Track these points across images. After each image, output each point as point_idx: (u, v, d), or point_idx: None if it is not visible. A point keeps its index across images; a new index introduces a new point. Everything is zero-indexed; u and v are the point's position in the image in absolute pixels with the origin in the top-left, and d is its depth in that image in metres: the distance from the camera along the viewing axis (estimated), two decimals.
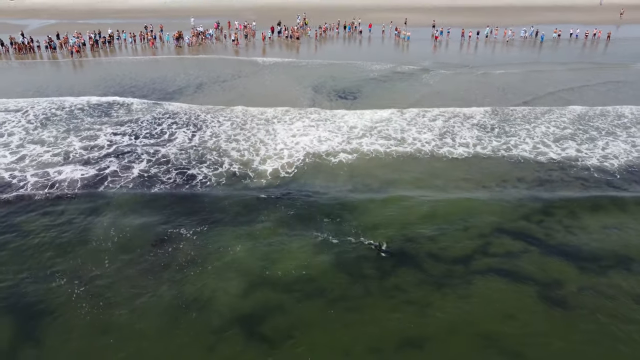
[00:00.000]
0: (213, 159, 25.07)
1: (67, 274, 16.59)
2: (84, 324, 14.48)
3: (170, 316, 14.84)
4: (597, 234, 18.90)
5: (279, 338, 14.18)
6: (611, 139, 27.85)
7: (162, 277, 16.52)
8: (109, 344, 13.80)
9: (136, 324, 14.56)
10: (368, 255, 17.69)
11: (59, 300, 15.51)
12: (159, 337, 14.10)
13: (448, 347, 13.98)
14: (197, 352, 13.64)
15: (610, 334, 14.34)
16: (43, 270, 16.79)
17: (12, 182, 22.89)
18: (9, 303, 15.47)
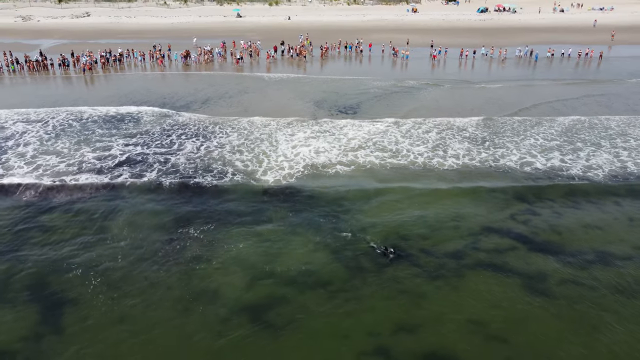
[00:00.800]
0: (219, 167, 26.54)
1: (85, 267, 18.00)
2: (100, 313, 15.82)
3: (181, 306, 16.17)
4: (579, 232, 20.28)
5: (282, 324, 15.48)
6: (594, 149, 29.24)
7: (173, 271, 17.88)
8: (124, 331, 15.10)
9: (149, 313, 15.89)
10: (365, 251, 19.00)
11: (78, 290, 16.90)
12: (170, 324, 15.39)
13: (439, 332, 15.26)
14: (207, 337, 14.91)
15: (589, 321, 15.62)
16: (64, 263, 18.23)
17: (39, 182, 24.49)
18: (33, 292, 16.84)
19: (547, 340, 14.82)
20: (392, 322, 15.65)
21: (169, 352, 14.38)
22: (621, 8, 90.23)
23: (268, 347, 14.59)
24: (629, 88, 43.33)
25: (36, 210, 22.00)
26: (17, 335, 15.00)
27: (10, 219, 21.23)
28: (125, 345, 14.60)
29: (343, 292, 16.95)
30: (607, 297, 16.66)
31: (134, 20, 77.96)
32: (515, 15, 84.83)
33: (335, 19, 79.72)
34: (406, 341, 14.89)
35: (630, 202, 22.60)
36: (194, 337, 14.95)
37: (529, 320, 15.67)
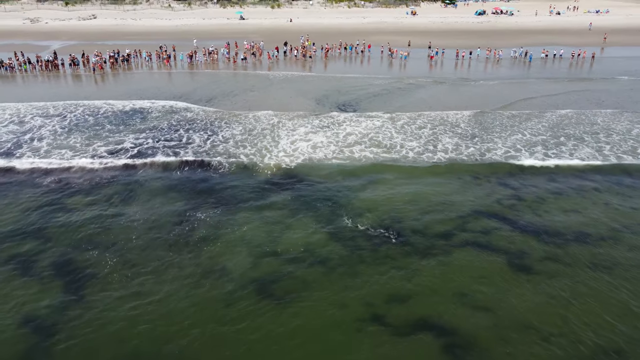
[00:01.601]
0: (225, 156, 28.27)
1: (103, 245, 19.66)
2: (118, 288, 17.37)
3: (192, 281, 17.70)
4: (559, 215, 21.89)
5: (285, 295, 17.05)
6: (577, 142, 30.94)
7: (183, 250, 19.48)
8: (139, 301, 16.64)
9: (162, 286, 17.44)
10: (362, 231, 20.60)
11: (97, 266, 18.51)
12: (182, 297, 16.91)
13: (428, 302, 16.84)
14: (217, 307, 16.44)
15: (564, 293, 17.18)
16: (85, 242, 19.89)
17: (60, 166, 26.32)
18: (59, 268, 18.44)
19: (527, 310, 16.32)
20: (385, 293, 17.21)
21: (181, 319, 15.85)
22: (617, 11, 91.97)
23: (272, 315, 16.08)
24: (617, 85, 45.30)
25: (58, 193, 23.80)
26: (44, 304, 16.54)
27: (33, 201, 22.95)
28: (141, 313, 16.11)
29: (341, 268, 18.52)
30: (581, 272, 18.23)
31: (140, 23, 79.78)
32: (512, 17, 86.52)
33: (335, 22, 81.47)
34: (398, 310, 16.43)
35: (607, 189, 24.29)
36: (204, 306, 16.44)
37: (510, 293, 17.22)
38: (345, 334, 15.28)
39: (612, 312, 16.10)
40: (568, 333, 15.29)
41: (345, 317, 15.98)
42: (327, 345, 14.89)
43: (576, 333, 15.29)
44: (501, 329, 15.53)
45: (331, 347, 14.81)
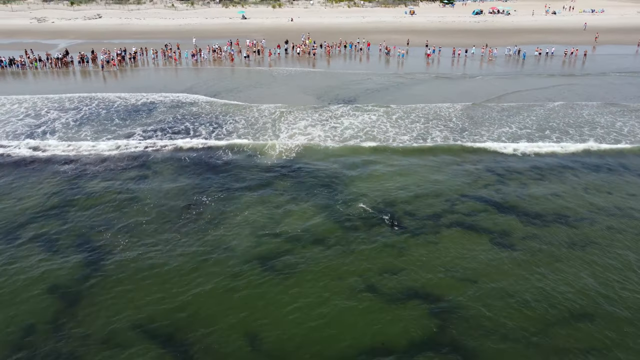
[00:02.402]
0: (230, 145, 30.06)
1: (118, 226, 21.32)
2: (132, 261, 18.99)
3: (199, 256, 19.28)
4: (541, 199, 23.53)
5: (286, 269, 18.64)
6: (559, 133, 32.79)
7: (190, 230, 21.09)
8: (152, 275, 18.22)
9: (172, 261, 19.01)
10: (357, 214, 22.26)
11: (114, 244, 20.13)
12: (191, 269, 18.50)
13: (418, 275, 18.44)
14: (223, 278, 18.01)
15: (544, 268, 18.74)
16: (102, 223, 21.57)
17: (78, 154, 28.21)
18: (78, 245, 20.11)
19: (509, 281, 17.89)
20: (378, 267, 18.82)
21: (190, 288, 17.42)
22: (612, 11, 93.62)
23: (274, 285, 17.67)
24: (605, 80, 47.40)
25: (76, 178, 25.66)
26: (66, 275, 18.19)
27: (54, 185, 24.74)
28: (153, 283, 17.73)
29: (338, 246, 20.12)
30: (560, 249, 19.82)
31: (144, 22, 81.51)
32: (509, 17, 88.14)
33: (335, 21, 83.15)
34: (389, 281, 18.02)
35: (586, 175, 25.97)
36: (212, 277, 17.99)
37: (494, 267, 18.79)
38: (340, 301, 16.86)
39: (583, 283, 17.71)
40: (542, 300, 16.90)
41: (340, 287, 17.57)
42: (324, 309, 16.47)
43: (550, 300, 16.87)
44: (482, 297, 17.12)
45: (327, 311, 16.40)
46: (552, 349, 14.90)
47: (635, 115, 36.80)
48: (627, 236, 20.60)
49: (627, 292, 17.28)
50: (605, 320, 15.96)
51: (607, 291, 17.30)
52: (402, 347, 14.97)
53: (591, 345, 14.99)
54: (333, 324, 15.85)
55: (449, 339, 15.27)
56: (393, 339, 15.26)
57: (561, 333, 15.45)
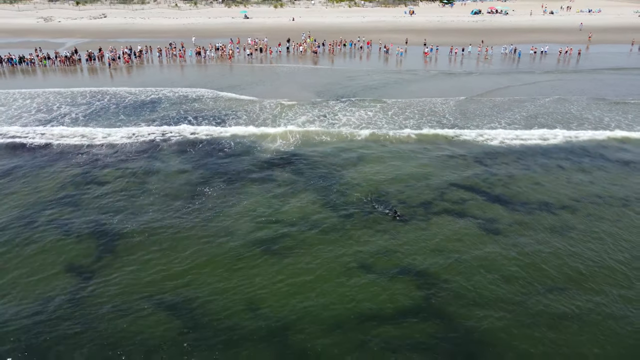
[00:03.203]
0: (233, 138, 31.67)
1: (129, 213, 22.83)
2: (141, 244, 20.50)
3: (203, 240, 20.72)
4: (527, 188, 25.01)
5: (285, 251, 20.09)
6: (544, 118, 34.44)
7: (195, 217, 22.50)
8: (156, 258, 19.63)
9: (178, 244, 20.48)
10: (351, 202, 23.72)
11: (125, 229, 21.58)
12: (196, 252, 19.95)
13: (409, 256, 19.87)
14: (227, 261, 19.42)
15: (526, 249, 20.18)
16: (112, 208, 23.13)
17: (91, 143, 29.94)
18: (91, 229, 21.60)
19: (491, 262, 19.36)
20: (372, 249, 20.24)
21: (196, 269, 18.86)
22: (608, 10, 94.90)
23: (273, 265, 19.11)
24: (595, 76, 49.67)
25: (88, 167, 27.36)
26: (82, 256, 19.67)
27: (68, 174, 26.39)
28: (161, 264, 19.17)
29: (334, 231, 21.55)
30: (542, 233, 21.26)
31: (148, 21, 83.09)
32: (507, 17, 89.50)
33: (336, 20, 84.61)
34: (383, 261, 19.46)
35: (569, 166, 27.47)
36: (216, 259, 19.39)
37: (479, 249, 20.21)
38: (336, 278, 18.32)
39: (559, 262, 19.21)
40: (524, 277, 18.34)
41: (336, 266, 19.05)
42: (317, 283, 17.95)
43: (530, 277, 18.32)
44: (468, 274, 18.55)
45: (320, 284, 17.86)
46: (524, 316, 16.45)
47: (619, 109, 38.58)
48: (605, 222, 22.04)
49: (597, 268, 18.85)
50: (576, 293, 17.47)
51: (580, 269, 18.80)
52: (389, 313, 16.50)
53: (560, 314, 16.51)
54: (325, 295, 17.37)
55: (432, 307, 16.82)
56: (381, 307, 16.78)
57: (534, 304, 16.97)
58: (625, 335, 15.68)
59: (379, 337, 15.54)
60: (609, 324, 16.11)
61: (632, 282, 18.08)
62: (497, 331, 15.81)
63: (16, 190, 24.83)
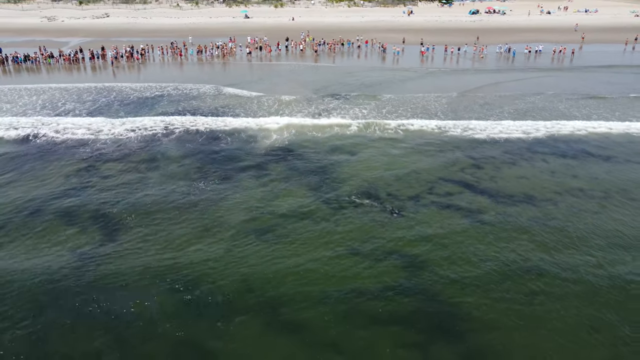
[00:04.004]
0: (231, 133, 32.94)
1: (129, 204, 23.92)
2: (140, 232, 21.57)
3: (200, 229, 21.75)
4: (511, 181, 26.09)
5: (280, 240, 21.12)
6: None
7: (192, 208, 23.49)
8: (156, 243, 20.71)
9: (176, 232, 21.53)
10: (343, 194, 24.80)
11: (125, 218, 22.66)
12: (193, 239, 20.99)
13: (396, 243, 20.85)
14: (223, 247, 20.46)
15: (508, 237, 21.23)
16: (114, 199, 24.29)
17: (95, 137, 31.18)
18: (94, 218, 22.72)
19: (476, 247, 20.41)
20: (362, 236, 21.24)
21: (193, 253, 19.99)
22: (605, 10, 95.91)
23: (268, 251, 20.14)
24: (585, 74, 51.31)
25: (91, 159, 28.60)
26: (85, 243, 20.80)
27: (71, 166, 27.69)
28: (159, 249, 20.35)
29: (325, 221, 22.58)
30: (525, 224, 22.20)
31: (150, 21, 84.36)
32: (504, 17, 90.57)
33: (335, 20, 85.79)
34: (371, 247, 20.50)
35: (554, 160, 28.55)
36: (212, 246, 20.41)
37: (462, 236, 21.20)
38: (327, 262, 19.38)
39: (538, 248, 20.33)
40: (502, 259, 19.46)
41: (327, 251, 20.10)
42: (308, 265, 19.10)
43: (508, 260, 19.40)
44: (451, 257, 19.64)
45: (311, 266, 18.99)
46: (500, 292, 17.70)
47: (604, 105, 40.07)
48: (585, 214, 23.07)
49: (571, 252, 20.02)
50: (549, 273, 18.64)
51: (555, 254, 19.93)
52: (373, 290, 17.74)
53: (533, 291, 17.74)
54: (314, 274, 18.62)
55: (414, 285, 18.06)
56: (366, 284, 18.03)
57: (510, 283, 18.13)
58: (585, 308, 16.97)
59: (362, 311, 16.75)
60: (575, 300, 17.33)
61: (602, 265, 19.20)
62: (473, 306, 16.98)
63: (22, 179, 26.28)
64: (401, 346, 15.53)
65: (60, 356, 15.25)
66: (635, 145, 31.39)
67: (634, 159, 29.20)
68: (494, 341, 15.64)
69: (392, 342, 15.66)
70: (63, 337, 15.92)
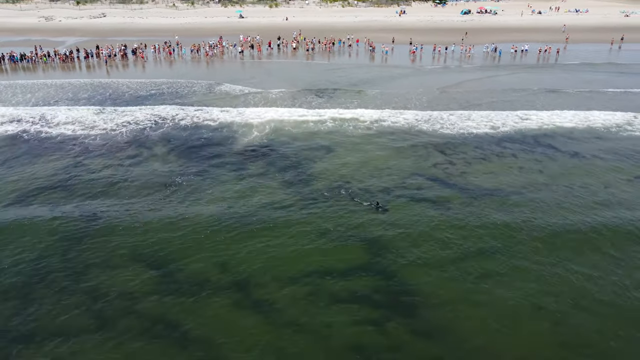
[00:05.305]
0: (214, 130, 34.38)
1: (113, 196, 25.36)
2: (122, 218, 23.14)
3: (180, 218, 23.11)
4: (480, 176, 27.36)
5: (255, 227, 22.43)
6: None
7: (173, 200, 24.86)
8: (136, 229, 22.19)
9: (158, 220, 22.94)
10: (318, 188, 26.05)
11: (109, 208, 24.06)
12: (174, 227, 22.37)
13: (367, 228, 22.24)
14: (203, 234, 21.82)
15: (472, 223, 22.62)
16: (104, 191, 25.74)
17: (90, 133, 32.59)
18: (78, 207, 24.11)
19: (438, 234, 21.81)
20: (335, 222, 22.68)
21: (171, 240, 21.35)
22: (596, 10, 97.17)
23: (245, 238, 21.50)
24: (563, 71, 54.22)
25: (78, 154, 30.20)
26: (73, 225, 22.50)
27: (60, 161, 29.24)
28: (139, 235, 21.82)
29: (299, 211, 23.74)
30: (488, 214, 23.59)
31: (146, 21, 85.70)
32: (495, 17, 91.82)
33: (329, 20, 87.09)
34: (344, 231, 21.99)
35: (523, 156, 29.83)
36: (192, 233, 21.80)
37: (431, 223, 22.58)
38: (300, 246, 20.83)
39: (496, 234, 21.72)
40: (459, 244, 20.92)
41: (300, 237, 21.49)
42: (282, 251, 20.51)
43: (465, 244, 20.87)
44: (415, 242, 21.04)
45: (285, 254, 20.38)
46: (456, 273, 19.23)
47: (574, 100, 42.31)
48: (546, 206, 24.39)
49: (526, 238, 21.52)
50: (501, 261, 19.98)
51: (510, 239, 21.41)
52: (338, 271, 19.24)
53: (485, 273, 19.21)
54: (285, 258, 20.10)
55: (376, 267, 19.59)
56: (333, 266, 19.53)
57: (466, 266, 19.60)
58: (530, 289, 18.41)
59: (326, 290, 18.19)
60: (521, 281, 18.80)
61: (550, 251, 20.59)
62: (428, 285, 18.46)
63: (12, 175, 27.68)
64: (359, 323, 16.90)
65: (40, 328, 16.68)
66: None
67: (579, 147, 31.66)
68: (444, 316, 17.09)
69: (351, 319, 17.05)
70: (47, 311, 17.38)
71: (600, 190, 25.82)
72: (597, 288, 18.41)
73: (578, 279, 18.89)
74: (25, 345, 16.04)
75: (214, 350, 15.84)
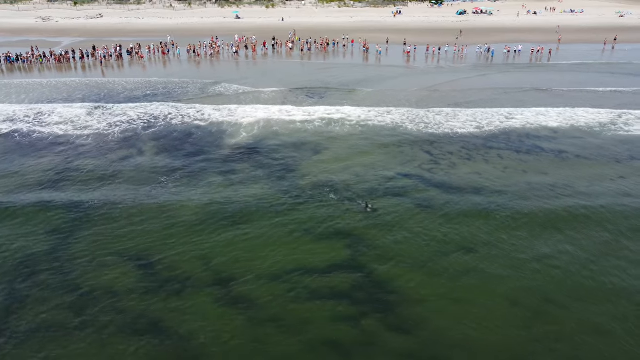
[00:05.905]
0: (203, 129, 34.86)
1: (104, 191, 25.93)
2: (110, 213, 23.77)
3: (167, 212, 23.85)
4: (465, 175, 27.77)
5: (240, 221, 22.99)
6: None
7: (161, 194, 25.55)
8: (123, 226, 22.68)
9: (143, 215, 23.57)
10: (304, 187, 26.45)
11: (97, 204, 24.59)
12: (162, 221, 23.05)
13: (350, 224, 22.81)
14: (188, 227, 22.46)
15: (454, 219, 23.13)
16: (92, 187, 26.25)
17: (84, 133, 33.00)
18: (68, 204, 24.58)
19: (419, 228, 22.41)
20: (321, 217, 23.29)
21: (156, 233, 22.04)
22: (591, 11, 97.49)
23: (230, 230, 22.19)
24: (551, 70, 55.29)
25: (69, 153, 30.84)
26: (76, 213, 23.42)
27: (52, 159, 29.79)
28: (126, 229, 22.42)
29: (284, 206, 24.31)
30: (469, 210, 23.99)
31: (143, 21, 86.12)
32: (490, 17, 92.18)
33: (325, 20, 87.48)
34: (329, 224, 22.67)
35: (507, 155, 30.27)
36: (179, 226, 22.55)
37: (414, 219, 23.13)
38: (279, 242, 21.40)
39: (476, 232, 22.14)
40: (440, 241, 21.47)
41: (283, 232, 22.13)
42: (266, 249, 20.96)
43: (445, 242, 21.39)
44: (396, 236, 21.72)
45: (268, 252, 20.82)
46: (432, 270, 19.67)
47: (562, 99, 42.69)
48: (527, 203, 24.80)
49: (504, 237, 21.94)
50: (480, 258, 20.43)
51: (487, 238, 21.84)
52: (319, 269, 19.67)
53: (462, 270, 19.65)
54: (268, 256, 20.53)
55: (356, 264, 20.09)
56: (314, 264, 19.96)
57: (449, 262, 20.09)
58: (507, 286, 18.88)
59: (306, 287, 18.65)
60: (498, 278, 19.29)
61: (526, 247, 21.11)
62: (406, 281, 18.94)
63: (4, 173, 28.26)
64: (336, 319, 17.34)
65: (26, 322, 17.13)
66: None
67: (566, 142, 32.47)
68: (421, 312, 17.53)
69: (329, 315, 17.50)
70: (32, 306, 17.83)
71: (583, 187, 26.27)
72: (573, 284, 18.86)
73: (555, 275, 19.34)
74: (6, 341, 16.47)
75: (194, 346, 16.26)
